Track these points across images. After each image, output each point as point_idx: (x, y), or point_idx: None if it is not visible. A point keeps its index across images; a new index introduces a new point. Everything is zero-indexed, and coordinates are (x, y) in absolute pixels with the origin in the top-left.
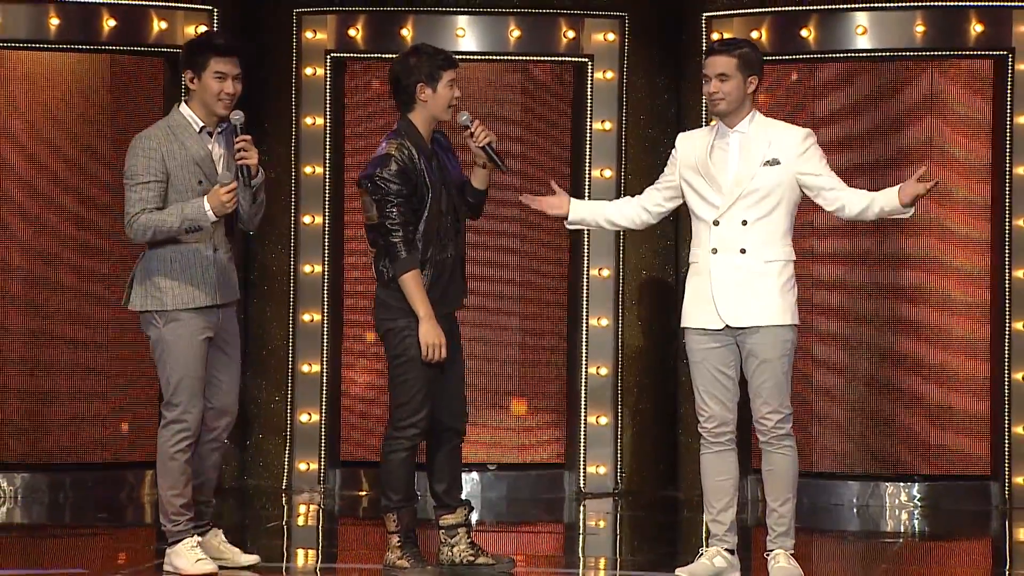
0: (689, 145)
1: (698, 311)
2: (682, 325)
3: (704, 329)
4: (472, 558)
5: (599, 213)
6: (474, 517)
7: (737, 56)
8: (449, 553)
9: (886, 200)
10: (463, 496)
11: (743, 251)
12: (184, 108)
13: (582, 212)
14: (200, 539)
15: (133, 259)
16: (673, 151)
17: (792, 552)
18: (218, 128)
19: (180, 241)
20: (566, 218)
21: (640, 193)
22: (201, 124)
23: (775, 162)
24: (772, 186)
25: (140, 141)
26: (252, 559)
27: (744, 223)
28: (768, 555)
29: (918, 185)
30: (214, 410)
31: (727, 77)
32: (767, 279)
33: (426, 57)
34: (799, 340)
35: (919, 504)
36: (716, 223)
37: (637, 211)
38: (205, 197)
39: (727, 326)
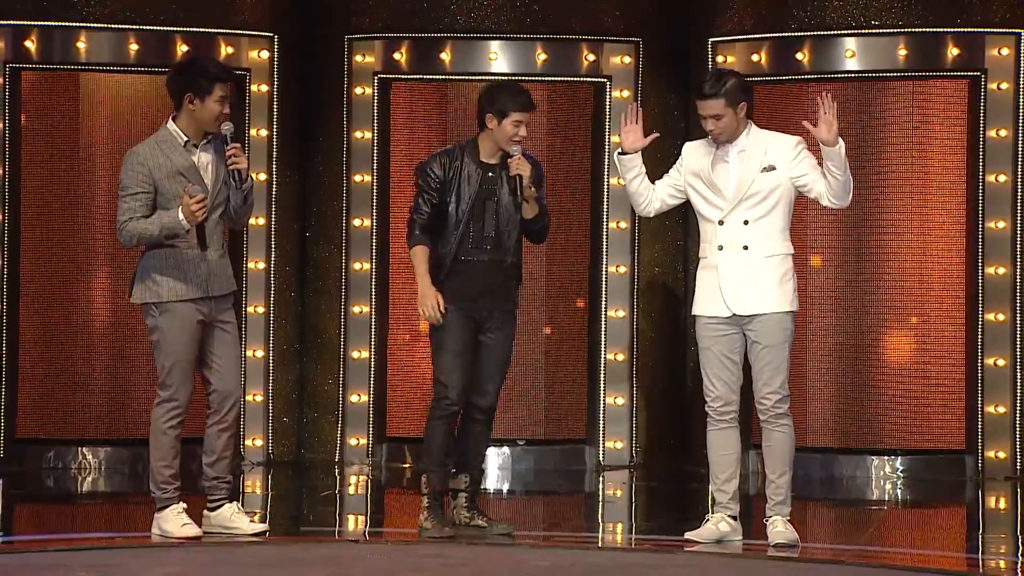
0: (694, 154)
1: (708, 301)
2: (693, 313)
3: (713, 317)
4: (468, 519)
5: (641, 174)
6: (504, 486)
7: (724, 96)
8: (451, 512)
9: (825, 161)
10: (482, 467)
11: (746, 248)
12: (171, 125)
13: (637, 163)
14: (185, 506)
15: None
16: (680, 157)
17: (788, 518)
18: (204, 139)
19: (172, 243)
20: (624, 152)
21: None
22: (186, 138)
23: (771, 168)
24: (770, 189)
25: (130, 156)
26: (259, 527)
27: (746, 223)
28: (767, 520)
29: (822, 120)
30: (217, 392)
31: (721, 116)
32: (767, 271)
33: (506, 94)
34: (799, 327)
35: (901, 475)
36: (721, 223)
37: (651, 199)
38: (179, 208)
39: (733, 314)
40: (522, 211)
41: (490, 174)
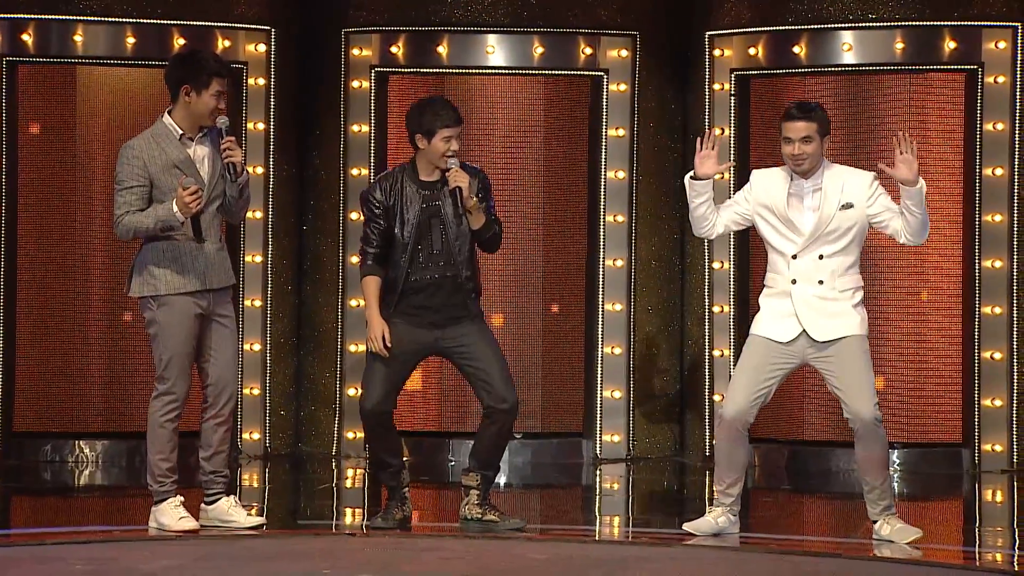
0: (765, 185)
1: (773, 324)
2: (754, 332)
3: (776, 340)
4: (480, 515)
5: (709, 200)
6: (501, 479)
7: (817, 121)
8: (464, 509)
9: (903, 199)
10: (497, 465)
11: (820, 282)
12: (167, 118)
13: (708, 189)
14: (183, 499)
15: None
16: (748, 185)
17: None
18: (200, 132)
19: (170, 236)
20: (696, 177)
21: (653, 197)
22: (181, 132)
23: (849, 206)
24: (848, 227)
25: (125, 150)
26: (257, 520)
27: (821, 257)
28: (876, 524)
29: (900, 160)
30: (212, 386)
31: (810, 140)
32: (842, 304)
33: (429, 112)
34: None
35: (899, 468)
36: (795, 256)
37: (715, 223)
38: (174, 200)
39: (803, 333)
40: (469, 222)
41: (431, 192)
